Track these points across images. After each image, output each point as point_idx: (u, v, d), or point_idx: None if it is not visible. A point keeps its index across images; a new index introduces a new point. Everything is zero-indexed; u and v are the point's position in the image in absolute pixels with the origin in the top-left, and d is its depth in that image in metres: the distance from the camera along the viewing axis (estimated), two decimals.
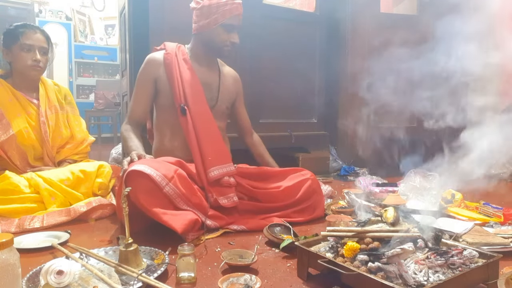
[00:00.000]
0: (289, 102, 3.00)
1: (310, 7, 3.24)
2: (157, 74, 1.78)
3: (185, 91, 1.74)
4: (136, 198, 1.37)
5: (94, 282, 1.04)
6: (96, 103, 5.86)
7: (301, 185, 1.74)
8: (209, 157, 1.66)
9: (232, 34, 1.78)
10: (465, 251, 1.04)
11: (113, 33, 6.88)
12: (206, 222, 1.50)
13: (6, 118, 1.84)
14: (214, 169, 1.65)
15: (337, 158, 3.26)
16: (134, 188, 1.35)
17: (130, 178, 1.38)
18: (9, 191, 1.66)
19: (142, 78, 1.81)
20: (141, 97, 1.81)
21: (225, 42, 1.78)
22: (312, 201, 1.75)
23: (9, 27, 1.93)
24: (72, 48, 6.29)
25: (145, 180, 1.38)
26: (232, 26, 1.77)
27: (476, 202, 1.88)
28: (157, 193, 1.39)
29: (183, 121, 1.72)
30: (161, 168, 1.43)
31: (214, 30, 1.76)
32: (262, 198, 1.71)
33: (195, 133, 1.70)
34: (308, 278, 1.11)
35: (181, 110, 1.73)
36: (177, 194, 1.43)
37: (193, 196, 1.50)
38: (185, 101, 1.73)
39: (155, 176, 1.38)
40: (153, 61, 1.80)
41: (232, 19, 1.75)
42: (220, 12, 1.73)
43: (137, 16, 2.54)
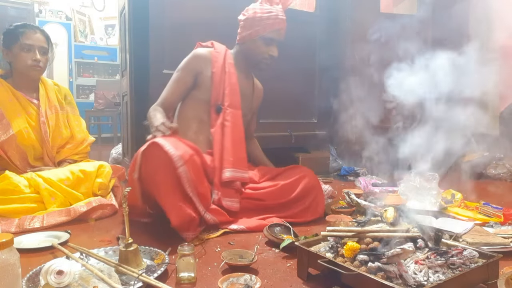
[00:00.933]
0: (289, 102, 3.00)
1: (310, 7, 3.25)
2: (201, 69, 1.83)
3: (225, 92, 1.81)
4: (149, 171, 1.39)
5: (94, 282, 1.04)
6: (96, 103, 5.86)
7: (299, 182, 1.74)
8: (231, 157, 1.70)
9: (271, 47, 1.85)
10: (465, 251, 1.04)
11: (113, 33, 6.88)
12: (206, 216, 1.50)
13: (6, 118, 1.84)
14: (230, 171, 1.67)
15: (337, 158, 3.26)
16: (150, 161, 1.39)
17: (149, 150, 1.40)
18: (9, 191, 1.66)
19: (186, 69, 1.84)
20: (179, 87, 1.84)
21: (263, 55, 1.85)
22: (311, 198, 1.74)
23: (9, 27, 1.93)
24: (72, 48, 6.29)
25: (163, 155, 1.39)
26: (272, 39, 1.84)
27: (476, 202, 1.89)
28: (170, 172, 1.39)
29: (214, 118, 1.78)
30: (180, 148, 1.44)
31: (254, 41, 1.84)
32: (260, 196, 1.71)
33: (222, 131, 1.75)
34: (308, 278, 1.11)
35: (217, 109, 1.79)
36: (187, 178, 1.42)
37: (200, 185, 1.49)
38: (222, 101, 1.80)
39: (173, 154, 1.39)
40: (200, 56, 1.85)
41: (273, 33, 1.82)
42: (262, 25, 1.80)
43: (137, 16, 2.54)
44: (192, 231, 1.45)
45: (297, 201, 1.72)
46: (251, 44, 1.86)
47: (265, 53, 1.85)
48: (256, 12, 1.82)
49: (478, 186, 2.73)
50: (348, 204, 1.90)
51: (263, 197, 1.71)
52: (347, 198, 1.90)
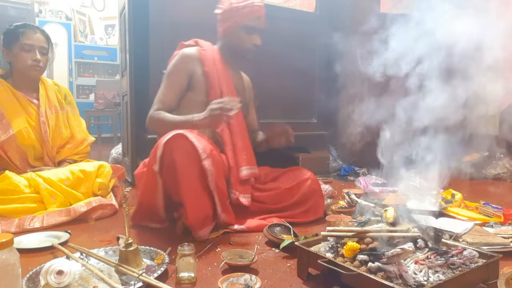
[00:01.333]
0: (289, 102, 3.00)
1: (310, 7, 3.25)
2: (193, 69, 1.77)
3: (222, 89, 1.76)
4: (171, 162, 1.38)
5: (94, 282, 1.04)
6: (96, 103, 5.86)
7: (300, 186, 1.74)
8: (244, 155, 1.70)
9: (253, 36, 1.80)
10: (465, 251, 1.04)
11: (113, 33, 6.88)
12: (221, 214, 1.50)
13: (6, 118, 1.84)
14: (246, 168, 1.69)
15: (337, 158, 3.26)
16: (174, 151, 1.37)
17: (173, 140, 1.39)
18: (9, 191, 1.66)
19: (177, 71, 1.77)
20: (173, 89, 1.77)
21: (247, 45, 1.80)
22: (312, 201, 1.75)
23: (9, 27, 1.93)
24: (72, 48, 6.29)
25: (188, 145, 1.39)
26: (253, 28, 1.79)
27: (476, 202, 1.89)
28: (195, 163, 1.39)
29: None
30: (201, 141, 1.44)
31: (235, 33, 1.78)
32: (262, 199, 1.72)
33: (230, 131, 1.73)
34: (308, 278, 1.11)
35: None
36: (211, 172, 1.42)
37: (219, 179, 1.49)
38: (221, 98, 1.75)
39: (198, 145, 1.40)
40: (188, 56, 1.79)
41: (252, 21, 1.77)
42: (240, 14, 1.75)
43: (137, 16, 2.54)
44: (206, 228, 1.44)
45: (298, 204, 1.73)
46: (232, 36, 1.80)
47: (248, 43, 1.79)
48: (231, 2, 1.76)
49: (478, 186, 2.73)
50: (348, 204, 1.90)
51: (264, 200, 1.72)
52: (347, 198, 1.90)
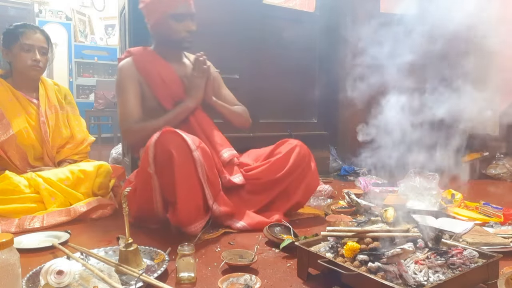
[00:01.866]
0: (289, 102, 3.00)
1: (310, 7, 3.25)
2: (137, 78, 1.73)
3: (171, 87, 1.74)
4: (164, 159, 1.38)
5: (94, 282, 1.04)
6: (96, 103, 5.86)
7: (291, 153, 1.74)
8: (218, 141, 1.73)
9: (185, 23, 1.72)
10: (465, 251, 1.04)
11: (113, 33, 6.88)
12: (213, 206, 1.50)
13: (6, 118, 1.84)
14: (225, 151, 1.73)
15: (337, 158, 3.26)
16: (165, 147, 1.38)
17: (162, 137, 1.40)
18: (9, 191, 1.66)
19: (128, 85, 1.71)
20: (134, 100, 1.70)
21: (181, 33, 1.73)
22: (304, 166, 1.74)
23: (9, 27, 1.93)
24: (72, 48, 6.29)
25: (178, 138, 1.40)
26: (183, 15, 1.71)
27: (476, 202, 1.89)
28: (186, 155, 1.40)
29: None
30: (189, 136, 1.46)
31: (165, 23, 1.71)
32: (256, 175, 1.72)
33: (198, 124, 1.74)
34: (308, 278, 1.11)
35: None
36: (201, 163, 1.43)
37: (210, 171, 1.49)
38: (178, 97, 1.75)
39: (187, 138, 1.41)
40: (126, 67, 1.73)
41: (179, 8, 1.69)
42: (164, 4, 1.68)
43: (137, 16, 2.53)
44: (198, 222, 1.44)
45: (292, 171, 1.71)
46: (163, 28, 1.72)
47: (182, 31, 1.72)
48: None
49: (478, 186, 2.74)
50: (348, 204, 1.90)
51: (259, 176, 1.71)
52: (347, 198, 1.90)
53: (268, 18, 2.86)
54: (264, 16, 2.84)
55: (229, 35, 2.02)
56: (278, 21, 2.92)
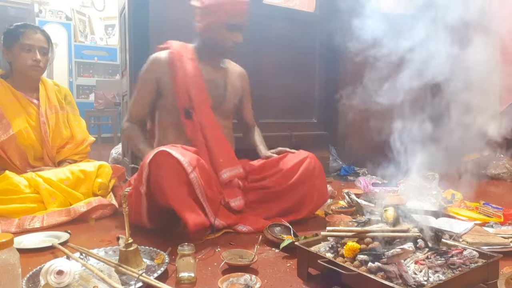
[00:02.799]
0: (289, 102, 3.00)
1: (310, 7, 3.25)
2: (160, 75, 1.73)
3: (190, 93, 1.70)
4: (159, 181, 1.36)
5: (94, 282, 1.04)
6: (96, 103, 5.86)
7: (300, 164, 1.71)
8: (220, 159, 1.66)
9: (234, 33, 1.72)
10: (465, 251, 1.04)
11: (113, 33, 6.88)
12: (215, 222, 1.48)
13: (6, 118, 1.84)
14: (226, 171, 1.66)
15: (337, 158, 3.26)
16: (160, 169, 1.36)
17: (157, 158, 1.38)
18: (9, 191, 1.66)
19: (145, 77, 1.76)
20: (142, 97, 1.77)
21: (227, 42, 1.72)
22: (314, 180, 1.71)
23: (9, 27, 1.93)
24: (72, 48, 6.29)
25: (173, 161, 1.37)
26: (235, 25, 1.70)
27: (476, 202, 1.89)
28: (182, 178, 1.38)
29: (188, 124, 1.69)
30: (186, 155, 1.43)
31: (216, 29, 1.70)
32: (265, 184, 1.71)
33: (203, 136, 1.68)
34: (308, 278, 1.11)
35: (186, 114, 1.69)
36: (198, 184, 1.42)
37: (209, 189, 1.48)
38: (189, 103, 1.69)
39: (183, 160, 1.38)
40: (157, 61, 1.75)
41: (234, 18, 1.69)
42: (222, 10, 1.67)
43: (137, 16, 2.54)
44: (202, 235, 1.45)
45: (300, 184, 1.69)
46: (212, 33, 1.71)
47: (229, 41, 1.71)
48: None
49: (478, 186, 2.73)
50: (348, 204, 1.90)
51: (268, 185, 1.70)
52: (347, 198, 1.90)
53: (268, 18, 2.86)
54: (264, 16, 2.83)
55: None
56: (278, 21, 2.92)
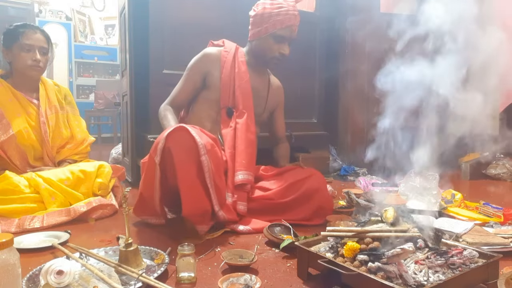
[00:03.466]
0: (289, 102, 2.99)
1: (310, 7, 3.25)
2: (209, 69, 1.80)
3: (235, 93, 1.77)
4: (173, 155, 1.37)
5: (94, 282, 1.04)
6: (96, 103, 5.86)
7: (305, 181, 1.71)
8: (243, 160, 1.68)
9: (281, 45, 1.77)
10: (465, 251, 1.04)
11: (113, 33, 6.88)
12: (219, 212, 1.49)
13: (6, 118, 1.84)
14: (243, 173, 1.66)
15: (337, 158, 3.26)
16: (175, 144, 1.37)
17: (175, 133, 1.38)
18: (9, 191, 1.66)
19: (194, 68, 1.82)
20: (187, 86, 1.82)
21: (273, 53, 1.78)
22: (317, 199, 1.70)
23: (9, 27, 1.93)
24: (72, 48, 6.29)
25: (189, 139, 1.38)
26: (283, 37, 1.76)
27: (476, 202, 1.89)
28: (194, 158, 1.39)
29: (226, 121, 1.75)
30: (203, 137, 1.44)
31: (264, 39, 1.77)
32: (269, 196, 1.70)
33: (234, 136, 1.72)
34: (308, 278, 1.11)
35: (227, 112, 1.76)
36: (208, 168, 1.42)
37: (217, 177, 1.48)
38: (233, 103, 1.76)
39: (198, 141, 1.39)
40: (209, 55, 1.82)
41: (283, 30, 1.75)
42: (272, 21, 1.73)
43: (137, 16, 2.54)
44: (205, 224, 1.44)
45: (303, 199, 1.68)
46: (261, 42, 1.79)
47: (275, 51, 1.78)
48: (265, 7, 1.74)
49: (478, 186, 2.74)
50: (348, 204, 1.90)
51: (271, 196, 1.70)
52: (347, 198, 1.90)
53: None
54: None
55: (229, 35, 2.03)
56: None
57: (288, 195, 1.69)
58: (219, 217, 1.50)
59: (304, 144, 3.06)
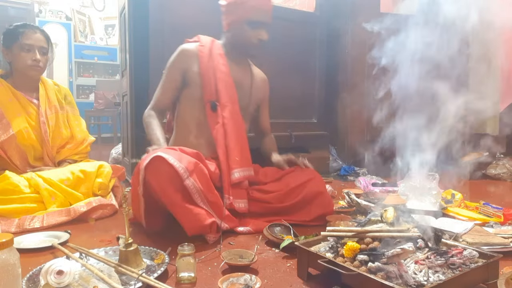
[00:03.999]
0: (289, 102, 3.00)
1: (310, 7, 3.25)
2: (187, 66, 1.73)
3: (217, 87, 1.70)
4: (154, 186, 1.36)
5: (94, 282, 1.04)
6: (96, 103, 5.86)
7: (305, 185, 1.69)
8: (237, 157, 1.64)
9: (258, 31, 1.71)
10: (465, 251, 1.04)
11: (113, 33, 6.88)
12: (221, 224, 1.47)
13: (6, 118, 1.84)
14: (238, 171, 1.64)
15: (337, 158, 3.26)
16: (156, 174, 1.35)
17: (152, 164, 1.36)
18: (9, 191, 1.66)
19: (172, 67, 1.76)
20: (168, 86, 1.77)
21: (251, 40, 1.71)
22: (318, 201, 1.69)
23: (9, 27, 1.93)
24: (72, 48, 6.30)
25: (168, 168, 1.36)
26: (259, 22, 1.70)
27: (476, 202, 1.89)
28: (177, 184, 1.37)
29: (211, 117, 1.69)
30: (183, 159, 1.41)
31: (240, 27, 1.70)
32: (267, 199, 1.69)
33: (224, 131, 1.67)
34: (308, 278, 1.11)
35: (212, 106, 1.69)
36: (196, 189, 1.40)
37: (210, 193, 1.46)
38: (216, 97, 1.70)
39: (177, 167, 1.36)
40: (186, 51, 1.76)
41: (258, 15, 1.68)
42: (246, 7, 1.67)
43: (137, 16, 2.54)
44: (213, 234, 1.43)
45: (303, 203, 1.68)
46: (237, 31, 1.72)
47: (253, 38, 1.71)
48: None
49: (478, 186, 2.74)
50: (348, 204, 1.90)
51: (269, 200, 1.68)
52: (347, 198, 1.90)
53: None
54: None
55: None
56: (278, 21, 2.92)
57: (287, 200, 1.68)
58: (221, 228, 1.49)
59: (304, 144, 3.06)
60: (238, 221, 1.60)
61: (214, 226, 1.44)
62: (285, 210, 1.67)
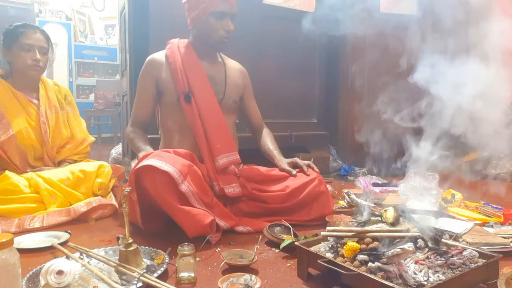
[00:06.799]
0: (289, 102, 3.00)
1: (310, 7, 3.25)
2: (158, 74, 1.73)
3: (188, 78, 1.69)
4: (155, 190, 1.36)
5: (94, 282, 1.04)
6: (96, 103, 5.86)
7: (306, 186, 1.69)
8: (218, 144, 1.65)
9: (224, 22, 1.70)
10: (465, 251, 1.04)
11: (113, 33, 6.88)
12: (219, 223, 1.48)
13: (6, 118, 1.84)
14: (222, 157, 1.64)
15: (337, 158, 3.26)
16: (148, 183, 1.36)
17: (145, 173, 1.37)
18: (9, 191, 1.66)
19: (143, 79, 1.77)
20: (143, 99, 1.77)
21: (218, 32, 1.70)
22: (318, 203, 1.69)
23: (9, 27, 1.93)
24: (72, 48, 6.29)
25: (162, 175, 1.36)
26: (223, 13, 1.69)
27: (476, 202, 1.89)
28: (173, 188, 1.38)
29: (187, 108, 1.68)
30: (177, 163, 1.41)
31: (205, 20, 1.69)
32: (267, 200, 1.69)
33: (201, 121, 1.67)
34: (308, 278, 1.11)
35: (185, 97, 1.68)
36: (192, 192, 1.41)
37: (205, 195, 1.48)
38: (189, 88, 1.69)
39: (172, 172, 1.37)
40: (153, 61, 1.76)
41: (222, 6, 1.68)
42: (206, 1, 1.66)
43: (137, 16, 2.54)
44: (215, 234, 1.44)
45: (304, 204, 1.67)
46: (202, 25, 1.70)
47: (220, 30, 1.69)
48: None
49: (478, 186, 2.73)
50: (348, 204, 1.90)
51: (269, 200, 1.68)
52: (347, 198, 1.90)
53: (268, 18, 2.86)
54: (264, 16, 2.84)
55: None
56: (278, 21, 2.92)
57: (288, 200, 1.68)
58: (221, 227, 1.50)
59: (304, 144, 3.06)
60: (238, 220, 1.60)
61: (214, 225, 1.44)
62: (285, 210, 1.67)
